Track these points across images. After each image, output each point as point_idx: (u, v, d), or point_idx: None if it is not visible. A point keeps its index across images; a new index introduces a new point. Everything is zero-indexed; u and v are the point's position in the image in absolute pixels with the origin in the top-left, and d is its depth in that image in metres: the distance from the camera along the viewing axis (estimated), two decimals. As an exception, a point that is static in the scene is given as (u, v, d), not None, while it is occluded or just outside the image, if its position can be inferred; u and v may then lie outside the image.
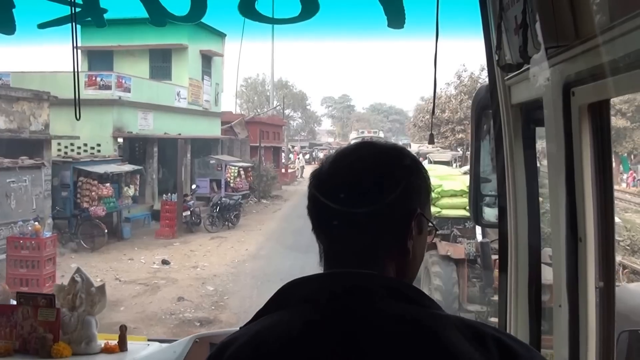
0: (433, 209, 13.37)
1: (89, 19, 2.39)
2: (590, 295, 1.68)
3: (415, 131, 55.20)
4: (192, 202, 22.69)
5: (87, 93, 21.00)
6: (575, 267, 1.71)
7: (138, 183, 20.55)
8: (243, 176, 28.05)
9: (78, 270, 2.98)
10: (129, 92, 21.80)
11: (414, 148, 48.84)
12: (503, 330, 1.49)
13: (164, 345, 3.09)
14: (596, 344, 1.70)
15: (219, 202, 22.63)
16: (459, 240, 10.95)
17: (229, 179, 27.20)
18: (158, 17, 2.29)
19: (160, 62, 26.40)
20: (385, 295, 1.14)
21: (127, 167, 19.92)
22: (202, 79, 27.99)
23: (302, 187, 41.41)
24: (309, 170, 52.25)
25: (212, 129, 29.41)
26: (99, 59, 25.25)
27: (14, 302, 2.97)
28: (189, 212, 21.76)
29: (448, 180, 11.97)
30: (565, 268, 1.76)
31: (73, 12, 2.22)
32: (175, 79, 26.24)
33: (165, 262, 16.74)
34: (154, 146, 23.65)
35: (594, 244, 1.68)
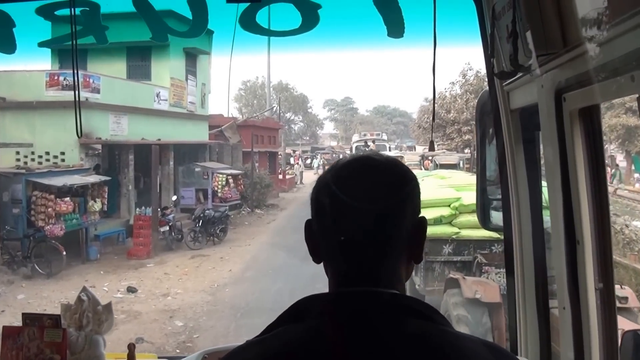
0: (449, 229, 9.62)
1: (91, 36, 2.36)
2: (591, 297, 1.72)
3: (419, 133, 53.52)
4: (172, 215, 20.18)
5: (49, 95, 18.57)
6: (575, 270, 1.75)
7: (106, 196, 17.96)
8: (232, 185, 25.45)
9: (84, 289, 2.88)
10: (98, 92, 19.28)
11: (419, 150, 46.94)
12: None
13: None
14: (600, 343, 1.73)
15: (201, 214, 20.07)
16: (485, 270, 8.39)
17: (216, 188, 24.64)
18: (160, 33, 2.30)
19: (139, 61, 23.86)
20: (402, 312, 1.16)
21: (93, 178, 17.39)
22: (186, 78, 25.42)
23: (301, 193, 38.92)
24: (308, 175, 49.88)
25: (198, 134, 26.87)
26: (71, 59, 22.75)
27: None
28: (167, 228, 19.23)
29: (467, 191, 9.41)
30: (565, 271, 1.79)
31: (74, 30, 2.18)
32: (155, 79, 23.68)
33: (131, 289, 14.22)
34: (129, 153, 21.14)
35: (591, 246, 1.71)
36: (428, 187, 10.95)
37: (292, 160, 55.21)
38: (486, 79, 2.45)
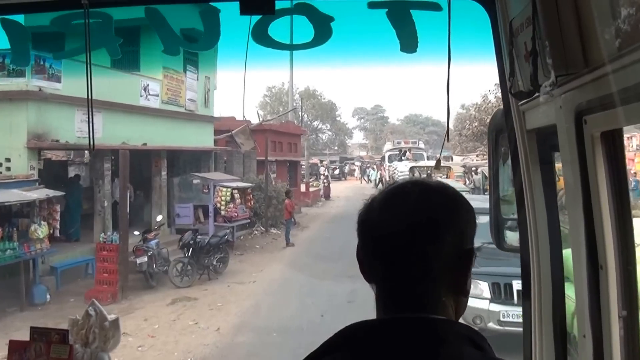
0: None
1: (103, 48, 2.35)
2: (614, 325, 1.66)
3: (457, 142, 49.44)
4: (156, 241, 15.39)
5: (-10, 82, 14.06)
6: (597, 296, 1.69)
7: (58, 217, 13.34)
8: (239, 200, 20.65)
9: (92, 304, 2.86)
10: (58, 81, 14.74)
11: (456, 160, 42.04)
12: None
13: None
14: None
15: (191, 241, 15.29)
16: None
17: (219, 205, 19.89)
18: (172, 45, 2.33)
19: (126, 46, 19.18)
20: (456, 341, 1.15)
21: (36, 194, 12.72)
22: (185, 69, 20.83)
23: (326, 209, 34.09)
24: (336, 187, 45.03)
25: (201, 138, 22.24)
26: (48, 43, 18.26)
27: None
28: (146, 258, 14.49)
29: None
30: (587, 297, 1.74)
31: (87, 41, 2.17)
32: (146, 69, 19.13)
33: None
34: (105, 161, 16.56)
35: (615, 272, 1.66)
36: None
37: (321, 170, 51.40)
38: None
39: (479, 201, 8.40)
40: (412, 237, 1.17)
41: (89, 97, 2.35)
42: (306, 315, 11.81)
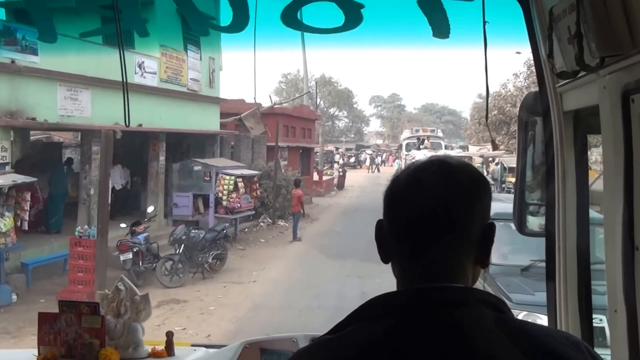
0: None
1: (131, 27, 2.41)
2: None
3: (473, 132, 48.09)
4: (146, 234, 13.74)
5: (-45, 54, 12.40)
6: (632, 276, 1.67)
7: (28, 207, 11.70)
8: (243, 190, 18.90)
9: (121, 279, 2.92)
10: (34, 54, 13.02)
11: (472, 150, 40.19)
12: None
13: (212, 350, 3.13)
14: None
15: (183, 237, 13.63)
16: None
17: (220, 194, 18.18)
18: (200, 26, 2.36)
19: (114, 22, 17.50)
20: (481, 306, 1.16)
21: (3, 180, 11.02)
22: (186, 48, 19.02)
23: (339, 199, 32.33)
24: (350, 175, 43.20)
25: (205, 121, 20.50)
26: (31, 19, 16.63)
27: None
28: (130, 255, 12.84)
29: None
30: (622, 276, 1.70)
31: (117, 19, 2.18)
32: (140, 46, 17.29)
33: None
34: (92, 143, 14.89)
35: None
36: None
37: (337, 158, 49.74)
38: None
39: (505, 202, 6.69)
40: (443, 214, 1.17)
41: (124, 80, 2.36)
42: (311, 321, 10.14)
